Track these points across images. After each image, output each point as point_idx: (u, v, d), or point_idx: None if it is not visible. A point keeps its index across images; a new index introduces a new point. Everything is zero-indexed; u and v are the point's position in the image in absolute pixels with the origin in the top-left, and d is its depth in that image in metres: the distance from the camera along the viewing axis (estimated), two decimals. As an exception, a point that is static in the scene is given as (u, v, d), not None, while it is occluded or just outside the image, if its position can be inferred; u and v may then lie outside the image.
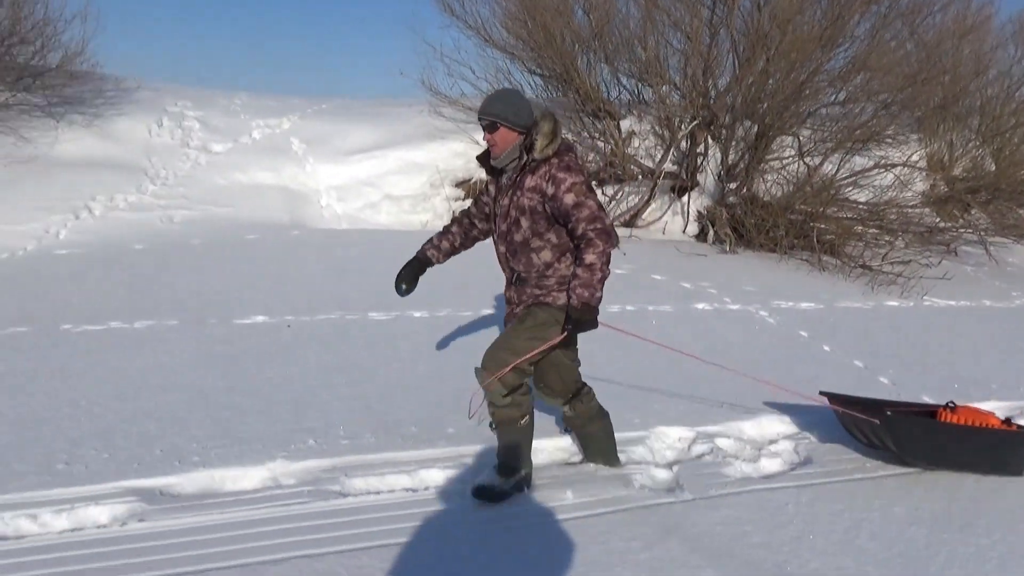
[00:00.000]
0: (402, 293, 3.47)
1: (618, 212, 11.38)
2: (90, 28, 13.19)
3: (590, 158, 11.72)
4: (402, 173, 10.80)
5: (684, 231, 11.51)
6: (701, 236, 11.32)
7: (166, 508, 3.16)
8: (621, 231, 11.12)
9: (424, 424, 4.04)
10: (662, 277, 8.25)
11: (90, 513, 3.11)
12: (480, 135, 3.30)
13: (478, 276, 7.99)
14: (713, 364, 4.69)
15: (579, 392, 3.48)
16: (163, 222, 9.02)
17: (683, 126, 11.30)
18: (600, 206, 3.06)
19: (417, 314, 6.34)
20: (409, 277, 3.48)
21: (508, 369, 3.12)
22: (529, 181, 3.08)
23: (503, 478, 3.26)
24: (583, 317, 3.03)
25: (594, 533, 3.05)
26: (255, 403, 4.29)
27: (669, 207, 11.63)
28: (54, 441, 3.71)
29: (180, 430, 3.89)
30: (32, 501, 3.17)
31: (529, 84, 12.52)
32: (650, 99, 12.63)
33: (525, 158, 3.08)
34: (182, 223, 9.10)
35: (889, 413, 3.59)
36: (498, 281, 3.57)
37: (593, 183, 11.66)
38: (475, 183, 11.28)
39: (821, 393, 4.05)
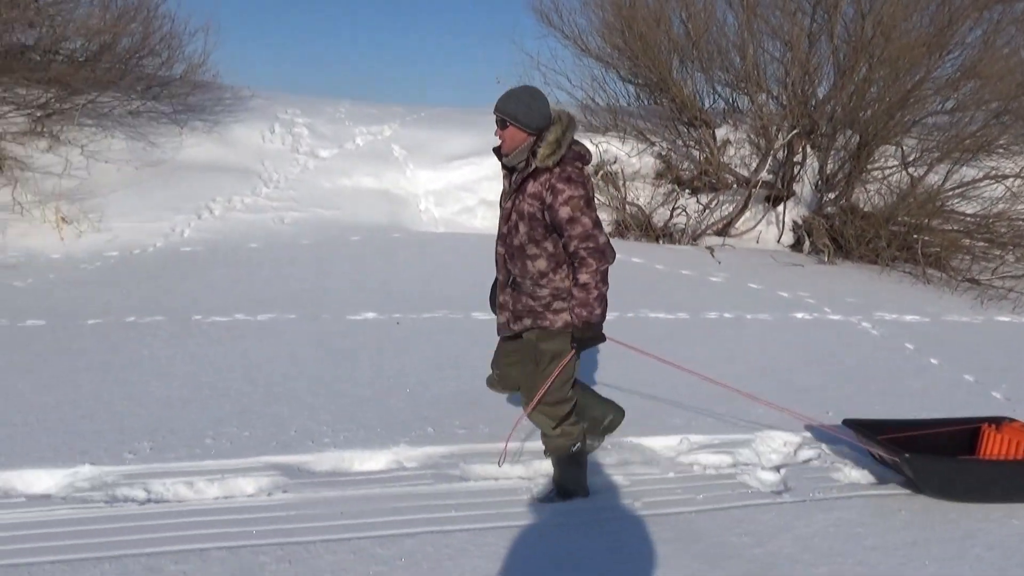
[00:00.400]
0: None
1: (711, 221, 11.33)
2: (211, 41, 14.10)
3: (684, 167, 11.71)
4: (497, 179, 11.04)
5: (779, 241, 11.35)
6: (796, 246, 11.15)
7: (305, 483, 3.44)
8: (714, 240, 11.08)
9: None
10: (759, 286, 8.21)
11: (238, 483, 3.42)
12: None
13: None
14: (728, 386, 4.68)
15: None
16: (275, 223, 9.55)
17: (781, 135, 11.17)
18: (596, 223, 3.00)
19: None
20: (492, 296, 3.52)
21: (534, 403, 3.24)
22: (531, 187, 3.04)
23: (558, 497, 3.38)
24: (585, 335, 3.06)
25: (706, 529, 3.15)
26: (374, 392, 4.57)
27: (763, 216, 11.49)
28: (199, 419, 4.07)
29: (310, 414, 4.19)
30: (187, 471, 3.51)
31: (623, 92, 12.64)
32: (746, 108, 12.54)
33: (530, 163, 3.04)
34: (292, 224, 9.61)
35: (907, 455, 3.39)
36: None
37: (687, 191, 11.67)
38: (568, 190, 11.44)
39: (845, 423, 3.80)
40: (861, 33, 10.79)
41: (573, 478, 3.41)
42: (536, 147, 3.01)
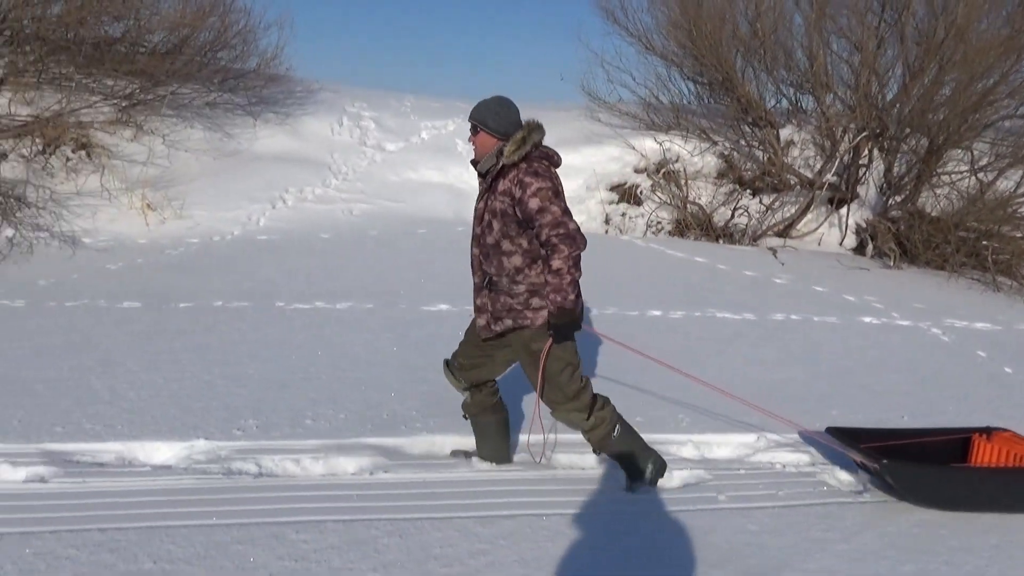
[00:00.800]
0: None
1: (772, 222, 11.29)
2: (284, 35, 14.51)
3: (746, 167, 11.69)
4: (560, 175, 11.18)
5: (841, 243, 11.26)
6: (859, 249, 11.05)
7: (402, 463, 3.65)
8: (774, 241, 11.05)
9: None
10: (824, 289, 8.20)
11: (340, 462, 3.63)
12: None
13: (648, 280, 8.27)
14: (718, 388, 4.72)
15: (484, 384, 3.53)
16: (344, 214, 9.84)
17: (847, 137, 11.06)
18: (565, 211, 3.09)
19: (595, 311, 6.66)
20: None
21: (539, 393, 3.31)
22: (501, 185, 3.15)
23: (635, 482, 3.47)
24: (561, 321, 3.11)
25: (791, 523, 3.26)
26: (457, 381, 4.75)
27: (826, 219, 11.41)
28: (296, 401, 4.31)
29: (399, 400, 4.40)
30: (292, 448, 3.73)
31: (684, 90, 12.63)
32: (810, 108, 12.44)
33: (498, 163, 3.17)
34: (360, 215, 9.89)
35: (885, 462, 3.36)
36: (670, 285, 3.82)
37: (748, 191, 11.65)
38: (629, 187, 11.53)
39: (828, 431, 3.74)
40: (933, 34, 10.63)
41: (634, 457, 3.45)
42: (504, 148, 3.14)
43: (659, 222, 11.29)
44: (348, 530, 2.98)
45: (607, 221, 11.21)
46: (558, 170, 3.29)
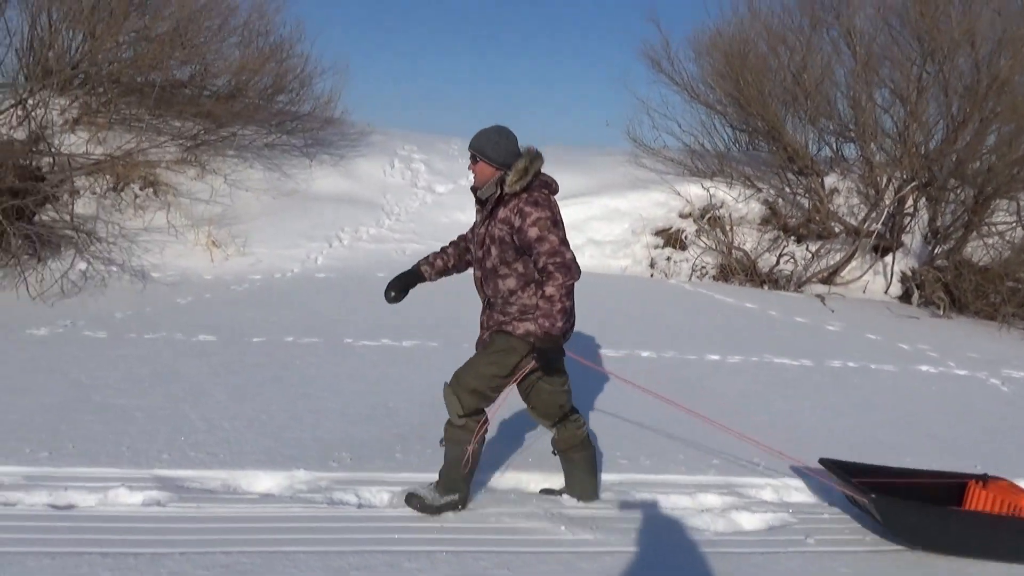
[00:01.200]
0: (390, 300, 3.65)
1: (817, 269, 11.37)
2: (340, 80, 15.02)
3: (790, 213, 11.81)
4: (605, 219, 11.38)
5: (886, 291, 11.30)
6: (905, 297, 11.08)
7: (494, 499, 3.74)
8: (819, 287, 11.11)
9: (694, 454, 4.45)
10: (877, 336, 8.24)
11: (434, 495, 3.74)
12: None
13: (700, 324, 8.36)
14: (733, 429, 4.75)
15: (566, 418, 3.67)
16: (397, 253, 10.08)
17: (892, 185, 11.17)
18: (563, 241, 3.21)
19: (644, 354, 6.77)
20: (399, 286, 3.66)
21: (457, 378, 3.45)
22: (501, 213, 3.27)
23: (434, 494, 3.48)
24: (545, 345, 3.23)
25: (881, 568, 3.31)
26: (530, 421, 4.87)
27: (870, 266, 11.47)
28: (383, 435, 4.45)
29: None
30: (387, 480, 3.85)
31: (723, 137, 12.85)
32: (852, 157, 12.59)
33: (499, 192, 3.28)
34: (412, 255, 10.11)
35: (874, 496, 3.38)
36: (723, 330, 3.92)
37: (792, 238, 11.75)
38: (674, 231, 11.70)
39: (821, 462, 3.80)
40: (976, 86, 10.78)
41: (455, 474, 3.47)
42: (505, 177, 3.26)
43: (703, 267, 11.41)
44: (458, 561, 3.09)
45: (652, 265, 11.35)
46: (557, 196, 3.41)
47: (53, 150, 8.90)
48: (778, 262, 11.27)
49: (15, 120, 9.09)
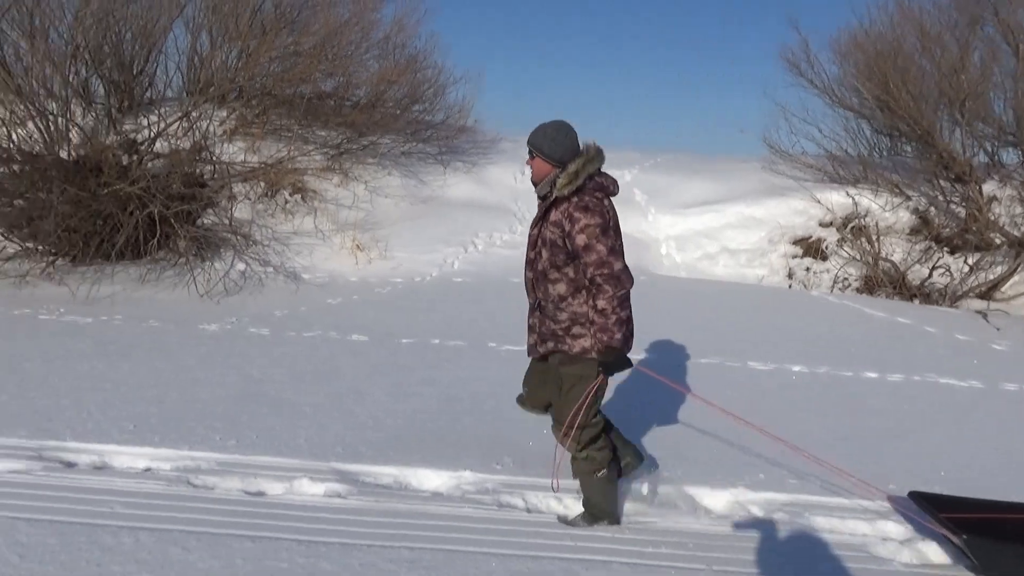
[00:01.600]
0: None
1: (974, 282, 10.59)
2: (473, 89, 15.36)
3: (944, 223, 11.08)
4: (740, 227, 11.07)
5: (1055, 309, 10.38)
6: (1077, 316, 10.14)
7: (664, 512, 3.68)
8: (977, 303, 10.35)
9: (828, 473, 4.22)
10: (1051, 358, 7.58)
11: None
12: None
13: (852, 339, 7.96)
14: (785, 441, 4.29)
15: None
16: (529, 259, 10.16)
17: (1063, 194, 10.28)
18: (611, 249, 3.06)
19: (796, 368, 6.50)
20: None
21: (565, 428, 3.26)
22: (553, 215, 3.16)
23: (585, 523, 3.43)
24: (608, 359, 3.10)
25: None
26: (704, 429, 4.77)
27: (1037, 281, 10.58)
28: (543, 442, 4.43)
29: (650, 446, 4.44)
30: (545, 487, 3.86)
31: (874, 143, 12.19)
32: (1012, 163, 11.69)
33: (552, 192, 3.15)
34: (544, 261, 10.18)
35: (965, 536, 3.10)
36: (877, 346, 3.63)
37: (945, 249, 11.01)
38: (814, 240, 11.21)
39: (910, 495, 3.55)
40: None
41: (598, 503, 3.43)
42: (558, 178, 3.13)
43: (846, 278, 10.87)
44: (635, 573, 3.05)
45: (790, 275, 10.92)
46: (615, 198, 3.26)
47: (214, 159, 9.54)
48: (931, 275, 10.57)
49: (180, 131, 9.80)
